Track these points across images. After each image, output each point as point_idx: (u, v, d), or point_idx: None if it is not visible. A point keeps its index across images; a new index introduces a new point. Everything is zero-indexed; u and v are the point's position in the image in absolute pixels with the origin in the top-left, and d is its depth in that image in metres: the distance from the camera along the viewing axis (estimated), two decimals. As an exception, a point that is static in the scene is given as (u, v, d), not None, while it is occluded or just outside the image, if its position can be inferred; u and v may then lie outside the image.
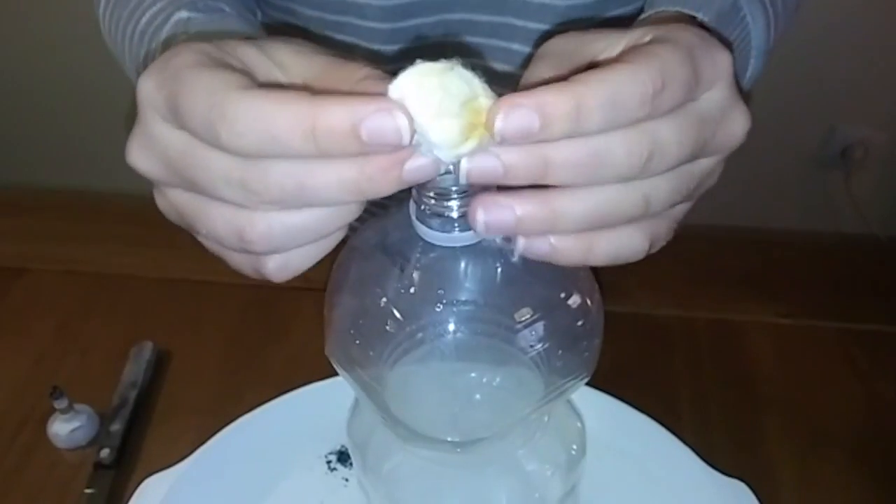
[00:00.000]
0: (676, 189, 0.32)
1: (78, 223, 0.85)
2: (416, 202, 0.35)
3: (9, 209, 0.88)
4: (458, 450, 0.37)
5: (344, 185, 0.29)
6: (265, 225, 0.30)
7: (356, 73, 0.31)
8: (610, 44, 0.34)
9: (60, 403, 0.61)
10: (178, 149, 0.30)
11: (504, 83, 0.30)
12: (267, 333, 0.72)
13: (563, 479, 0.43)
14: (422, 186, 0.34)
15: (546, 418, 0.43)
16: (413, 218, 0.35)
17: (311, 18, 0.62)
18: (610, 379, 0.58)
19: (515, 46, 0.62)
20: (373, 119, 0.27)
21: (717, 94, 0.32)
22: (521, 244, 0.31)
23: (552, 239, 0.31)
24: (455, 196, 0.34)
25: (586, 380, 0.40)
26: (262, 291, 0.75)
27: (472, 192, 0.34)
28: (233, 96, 0.28)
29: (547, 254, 0.31)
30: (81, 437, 0.63)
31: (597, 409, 0.52)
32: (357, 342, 0.37)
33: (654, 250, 0.34)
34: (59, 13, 1.69)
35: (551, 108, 0.28)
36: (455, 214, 0.34)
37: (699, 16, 0.44)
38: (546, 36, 0.61)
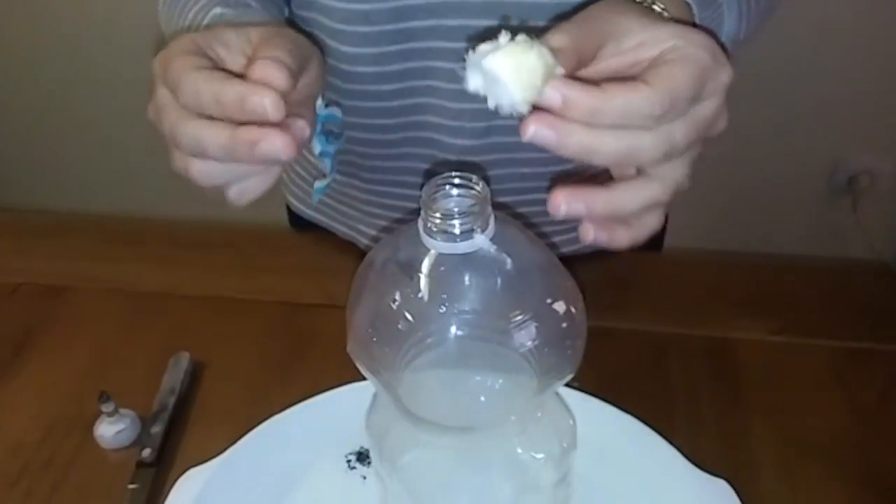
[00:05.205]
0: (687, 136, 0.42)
1: (119, 245, 0.89)
2: (423, 221, 0.42)
3: (55, 231, 0.93)
4: (465, 436, 0.43)
5: (223, 147, 0.43)
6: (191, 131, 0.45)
7: (268, 51, 0.46)
8: (631, 30, 0.43)
9: (107, 407, 0.66)
10: (161, 102, 0.46)
11: None
12: (293, 346, 0.76)
13: (555, 467, 0.49)
14: (429, 208, 0.41)
15: (539, 413, 0.48)
16: (421, 233, 0.42)
17: None
18: (609, 389, 0.62)
19: None
20: (252, 98, 0.42)
21: (713, 104, 0.42)
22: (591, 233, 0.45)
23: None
24: (457, 216, 0.40)
25: (571, 375, 0.46)
26: (289, 307, 0.80)
27: (470, 212, 0.40)
28: (185, 74, 0.44)
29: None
30: (125, 438, 0.67)
31: (591, 412, 0.57)
32: (374, 340, 0.43)
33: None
34: (105, 44, 1.76)
35: (574, 101, 0.38)
36: (457, 231, 0.41)
37: None
38: None
